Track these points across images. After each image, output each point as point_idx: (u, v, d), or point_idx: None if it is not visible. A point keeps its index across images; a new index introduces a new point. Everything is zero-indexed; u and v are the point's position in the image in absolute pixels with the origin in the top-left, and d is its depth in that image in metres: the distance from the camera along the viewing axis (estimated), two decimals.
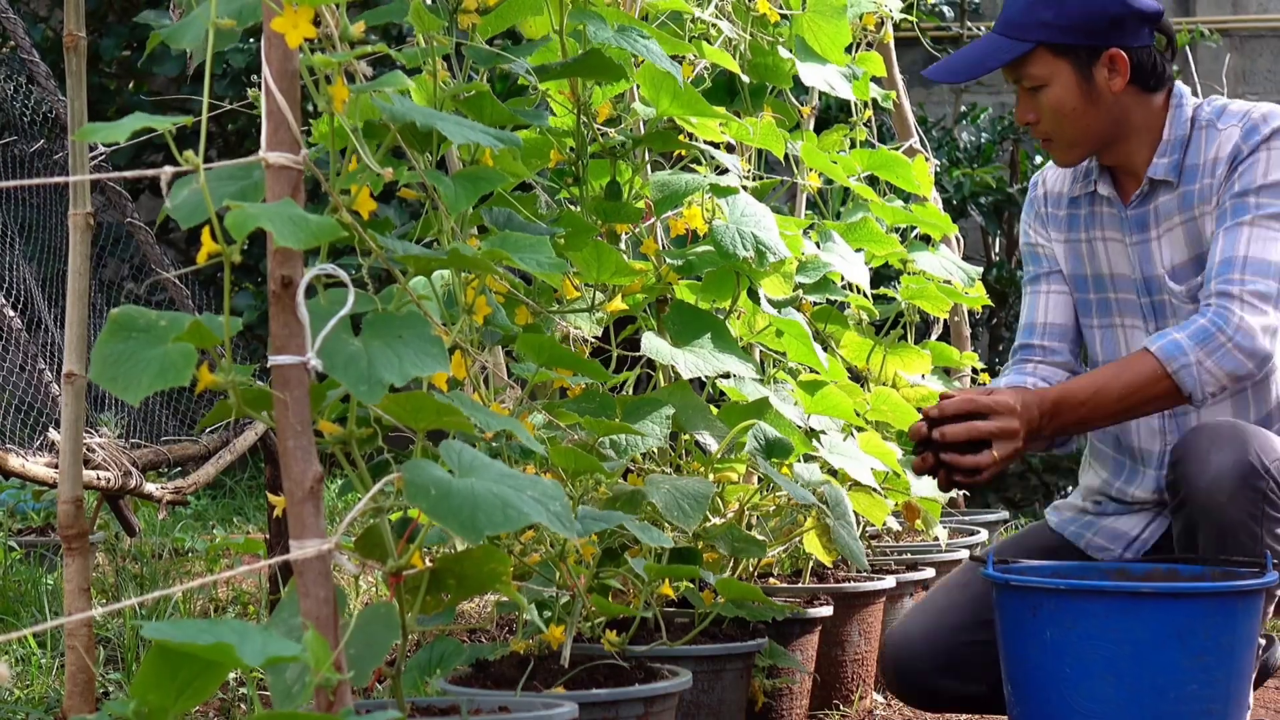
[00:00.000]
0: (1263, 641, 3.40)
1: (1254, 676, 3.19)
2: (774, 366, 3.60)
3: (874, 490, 3.90)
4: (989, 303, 4.43)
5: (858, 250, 3.76)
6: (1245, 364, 3.08)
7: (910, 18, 4.53)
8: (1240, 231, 3.13)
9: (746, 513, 3.43)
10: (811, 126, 3.77)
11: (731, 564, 3.38)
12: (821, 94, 3.71)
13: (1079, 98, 3.17)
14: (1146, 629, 2.88)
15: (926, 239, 4.27)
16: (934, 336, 4.74)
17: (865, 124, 4.11)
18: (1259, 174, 3.15)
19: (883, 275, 5.35)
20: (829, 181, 3.91)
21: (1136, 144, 3.24)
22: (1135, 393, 3.09)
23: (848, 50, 3.63)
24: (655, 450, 3.17)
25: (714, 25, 3.37)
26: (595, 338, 3.06)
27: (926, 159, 4.98)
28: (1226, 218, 3.16)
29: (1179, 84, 3.27)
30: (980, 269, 4.29)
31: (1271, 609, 3.14)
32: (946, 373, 4.63)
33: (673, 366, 3.03)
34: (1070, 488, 7.19)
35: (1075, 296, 3.38)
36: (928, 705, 3.32)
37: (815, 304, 3.66)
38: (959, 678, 3.23)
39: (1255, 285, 3.09)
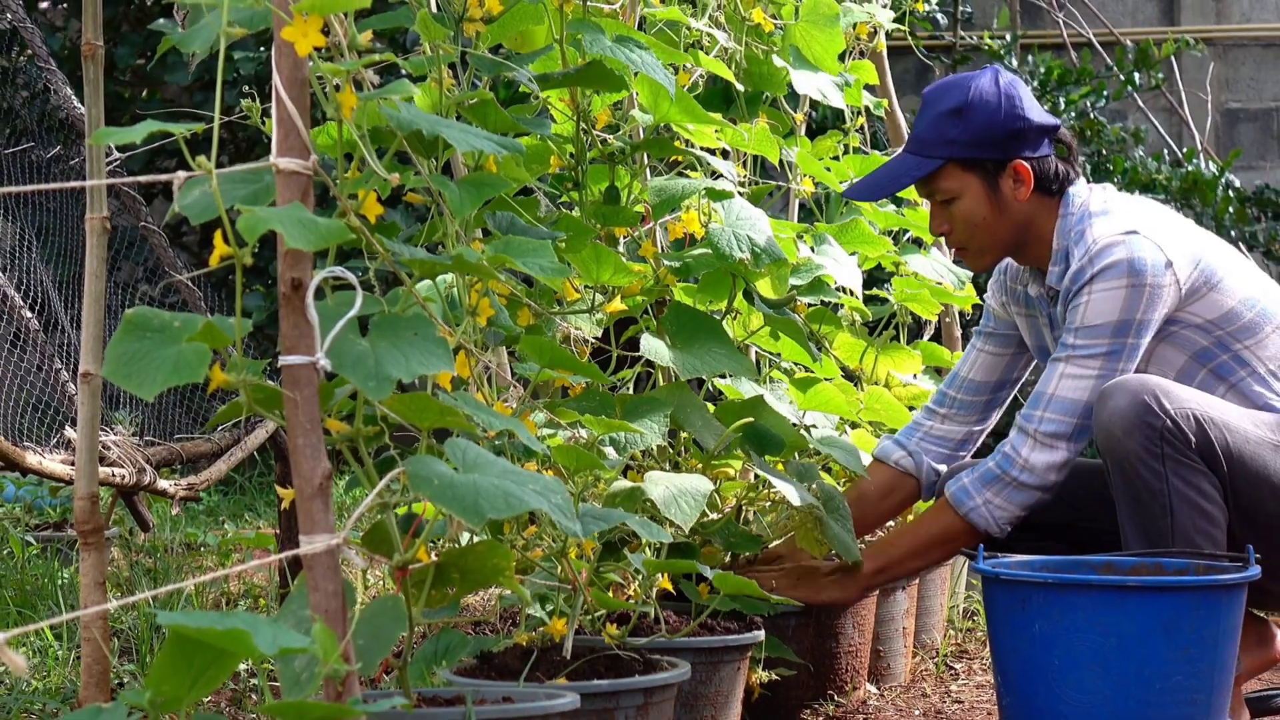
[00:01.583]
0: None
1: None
2: (769, 366, 3.60)
3: None
4: (980, 303, 4.42)
5: (851, 253, 3.76)
6: (1034, 494, 3.29)
7: (903, 27, 4.54)
8: (1056, 368, 3.27)
9: (743, 508, 3.43)
10: (803, 133, 3.77)
11: (728, 558, 3.39)
12: (816, 102, 3.72)
13: (988, 208, 3.32)
14: (1132, 621, 2.91)
15: (918, 241, 4.28)
16: (926, 337, 4.74)
17: (858, 131, 4.11)
18: (1079, 316, 3.25)
19: (875, 278, 5.36)
20: (822, 187, 3.91)
21: (1041, 249, 3.37)
22: (941, 540, 3.37)
23: (841, 59, 3.64)
24: (654, 447, 3.17)
25: (710, 34, 3.37)
26: (595, 338, 3.06)
27: None
28: (1050, 354, 3.35)
29: (1070, 189, 3.35)
30: (970, 272, 4.29)
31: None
32: (938, 372, 4.63)
33: (671, 366, 3.03)
34: None
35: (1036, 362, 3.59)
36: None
37: (809, 305, 3.66)
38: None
39: (1051, 425, 3.25)
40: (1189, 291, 3.29)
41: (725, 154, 3.50)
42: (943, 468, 3.59)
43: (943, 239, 3.50)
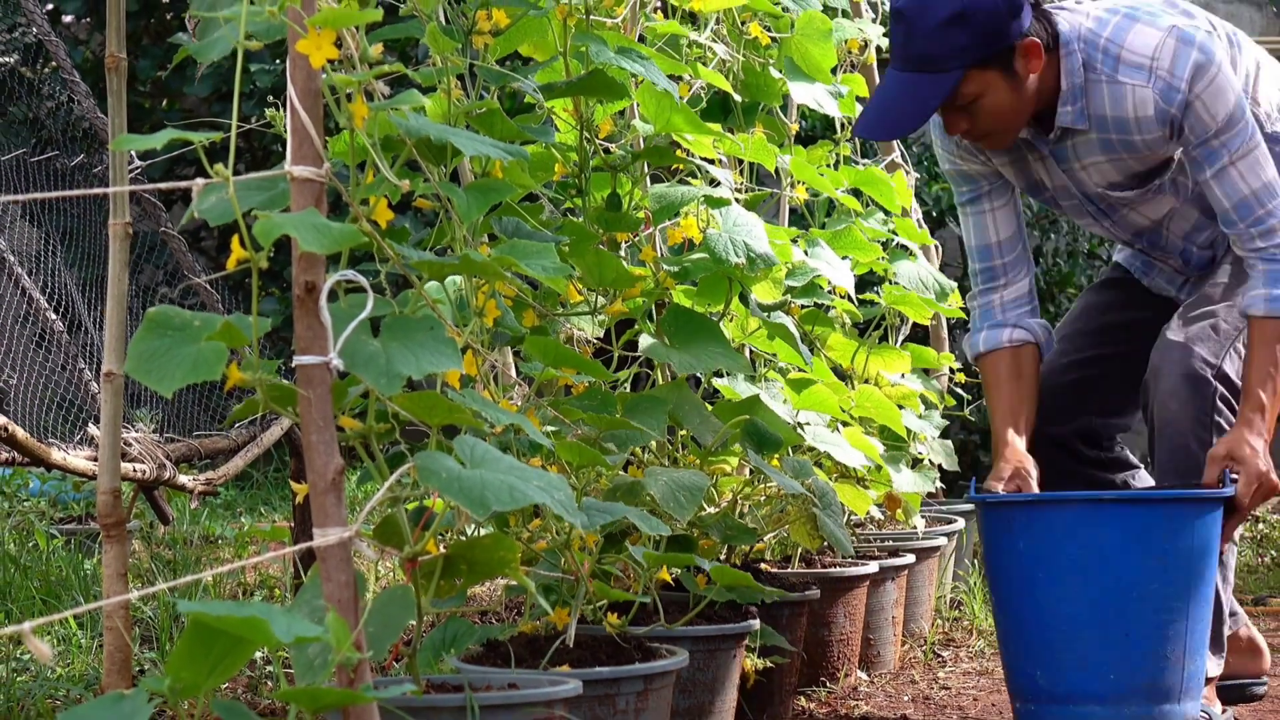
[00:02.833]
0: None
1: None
2: (765, 366, 3.60)
3: (858, 482, 3.91)
4: (966, 307, 4.42)
5: (843, 257, 3.76)
6: None
7: None
8: (1229, 174, 3.18)
9: (739, 503, 3.43)
10: (793, 141, 3.77)
11: (725, 550, 3.38)
12: (807, 113, 3.71)
13: (1011, 94, 3.17)
14: (1109, 534, 3.00)
15: (906, 247, 4.28)
16: (903, 334, 4.74)
17: (849, 140, 4.11)
18: (1207, 122, 3.18)
19: (866, 281, 5.35)
20: (816, 194, 3.91)
21: (1047, 100, 3.24)
22: None
23: (833, 71, 3.64)
24: (654, 444, 3.17)
25: (709, 47, 3.37)
26: (597, 339, 3.06)
27: (907, 173, 4.98)
28: (1205, 167, 3.21)
29: (1060, 27, 3.23)
30: (954, 284, 4.28)
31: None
32: (926, 372, 4.63)
33: (670, 366, 3.03)
34: None
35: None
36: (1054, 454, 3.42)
37: (803, 307, 3.65)
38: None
39: (1278, 209, 3.18)
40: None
41: (723, 162, 3.49)
42: (1039, 320, 3.45)
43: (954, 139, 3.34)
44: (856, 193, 4.02)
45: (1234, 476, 3.12)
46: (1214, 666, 3.29)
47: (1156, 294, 3.59)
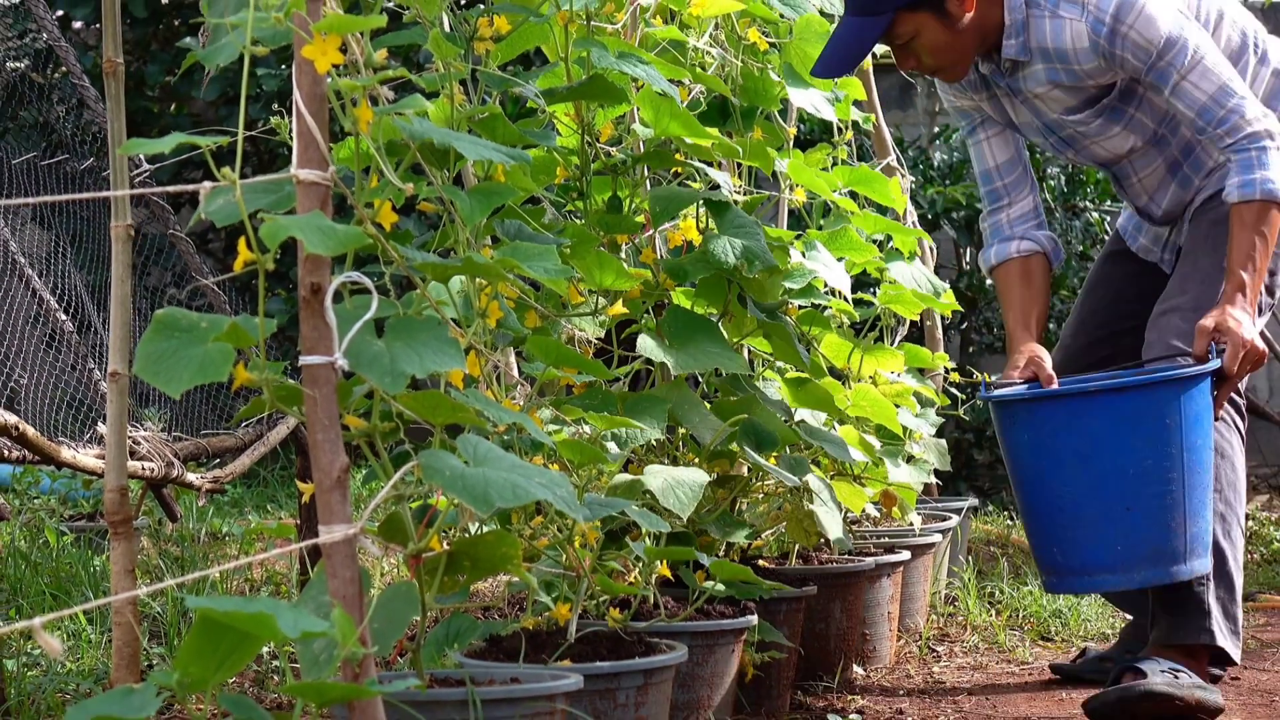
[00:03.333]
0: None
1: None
2: (762, 365, 3.60)
3: (855, 480, 3.91)
4: (959, 308, 4.42)
5: (839, 258, 3.76)
6: None
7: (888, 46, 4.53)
8: (1183, 88, 3.37)
9: (737, 500, 3.43)
10: (791, 145, 3.77)
11: (724, 547, 3.38)
12: (806, 117, 3.72)
13: (946, 32, 3.40)
14: (1100, 420, 3.21)
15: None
16: (900, 335, 4.74)
17: (846, 144, 4.11)
18: (1146, 48, 3.37)
19: (862, 281, 5.35)
20: (813, 196, 3.91)
21: (993, 34, 3.45)
22: (1273, 229, 3.35)
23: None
24: (654, 442, 3.17)
25: (708, 52, 3.37)
26: (598, 339, 3.06)
27: (902, 176, 4.98)
28: (1162, 88, 3.40)
29: None
30: (948, 285, 4.29)
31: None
32: (921, 371, 4.62)
33: (669, 365, 3.03)
34: None
35: None
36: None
37: (800, 307, 3.65)
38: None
39: (1239, 103, 3.34)
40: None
41: (721, 165, 3.49)
42: (1045, 232, 3.67)
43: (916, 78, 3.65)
44: (853, 195, 4.01)
45: (1221, 347, 3.29)
46: (1231, 646, 3.43)
47: (1145, 259, 3.80)
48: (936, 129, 8.41)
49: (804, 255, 3.57)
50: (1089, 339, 3.78)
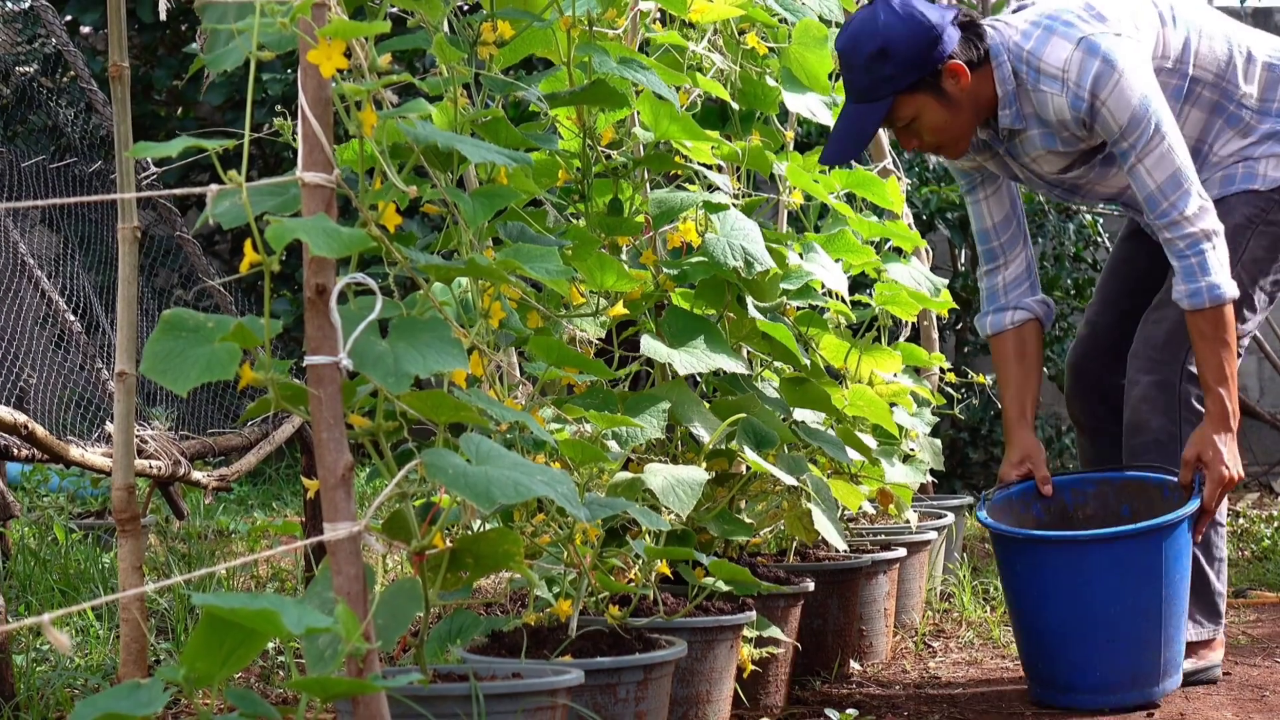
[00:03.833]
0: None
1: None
2: (761, 365, 3.60)
3: (851, 478, 3.91)
4: (955, 307, 4.42)
5: (836, 260, 3.75)
6: (1221, 232, 3.44)
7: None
8: (1138, 171, 3.43)
9: (736, 498, 3.42)
10: (791, 148, 3.77)
11: (722, 544, 3.38)
12: (804, 121, 3.72)
13: (944, 111, 3.46)
14: (1089, 564, 3.37)
15: (899, 250, 4.27)
16: (903, 337, 4.74)
17: None
18: (1112, 124, 3.42)
19: (859, 283, 5.35)
20: (810, 199, 3.91)
21: (990, 106, 3.52)
22: (1228, 329, 3.43)
23: (831, 77, 3.64)
24: (654, 441, 3.17)
25: (707, 57, 3.37)
26: (599, 339, 3.06)
27: (899, 178, 4.97)
28: (1121, 164, 3.49)
29: (990, 42, 3.50)
30: (946, 281, 4.29)
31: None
32: (917, 371, 4.62)
33: (669, 365, 3.03)
34: None
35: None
36: (1098, 404, 3.87)
37: (798, 309, 3.65)
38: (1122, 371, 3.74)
39: (1183, 200, 3.40)
40: (1148, 38, 3.54)
41: (720, 168, 3.49)
42: (1037, 296, 3.77)
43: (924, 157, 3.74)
44: (851, 198, 4.01)
45: (1202, 478, 3.46)
46: (1210, 631, 3.64)
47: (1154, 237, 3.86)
48: None
49: (802, 257, 3.57)
50: (1118, 313, 3.86)
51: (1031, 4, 3.60)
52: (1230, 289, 3.42)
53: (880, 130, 5.22)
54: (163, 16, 2.02)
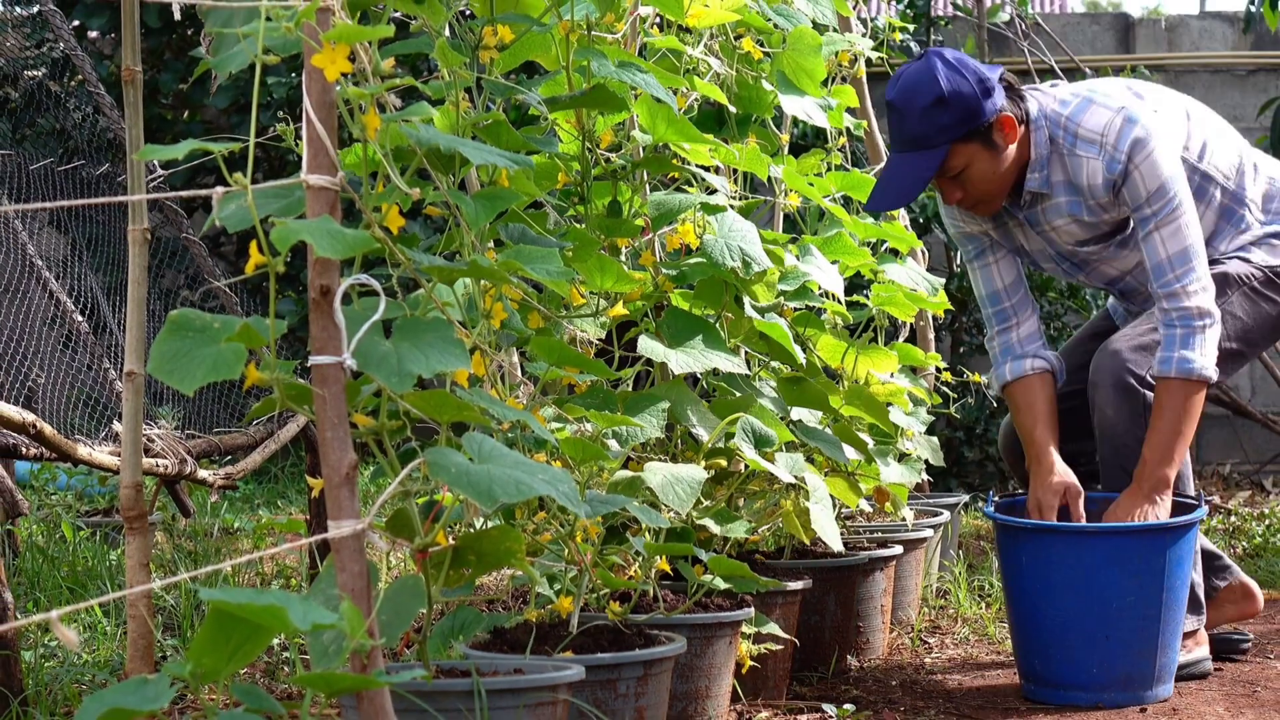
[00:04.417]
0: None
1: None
2: (759, 365, 3.60)
3: (848, 477, 3.90)
4: (951, 308, 4.42)
5: (833, 261, 3.76)
6: (1218, 328, 3.51)
7: (882, 54, 4.53)
8: (1153, 239, 3.52)
9: (734, 496, 3.43)
10: (786, 151, 3.77)
11: (721, 542, 3.38)
12: (801, 122, 3.72)
13: (993, 163, 3.55)
14: (1093, 557, 3.39)
15: (895, 252, 4.27)
16: (902, 338, 4.74)
17: (840, 149, 4.11)
18: (1140, 190, 3.51)
19: (855, 284, 5.35)
20: (807, 201, 3.91)
21: (1021, 169, 3.62)
22: (1194, 408, 3.49)
23: (824, 84, 3.64)
24: (653, 440, 3.17)
25: (704, 61, 3.37)
26: (599, 340, 3.06)
27: None
28: (1139, 229, 3.55)
29: (1028, 107, 3.60)
30: (943, 280, 4.29)
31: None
32: (914, 371, 4.62)
33: (668, 365, 3.03)
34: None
35: None
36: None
37: (795, 309, 3.65)
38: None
39: (1188, 276, 3.48)
40: (1179, 129, 3.65)
41: (718, 171, 3.50)
42: (1052, 353, 3.79)
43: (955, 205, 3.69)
44: (847, 200, 4.01)
45: (1208, 499, 3.49)
46: (1193, 623, 3.68)
47: None
48: None
49: (799, 259, 3.57)
50: (1063, 390, 3.83)
51: (1065, 84, 3.72)
52: (1203, 369, 3.47)
53: (879, 138, 5.25)
54: (177, 16, 2.01)
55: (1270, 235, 3.73)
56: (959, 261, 7.93)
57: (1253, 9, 7.62)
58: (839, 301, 3.83)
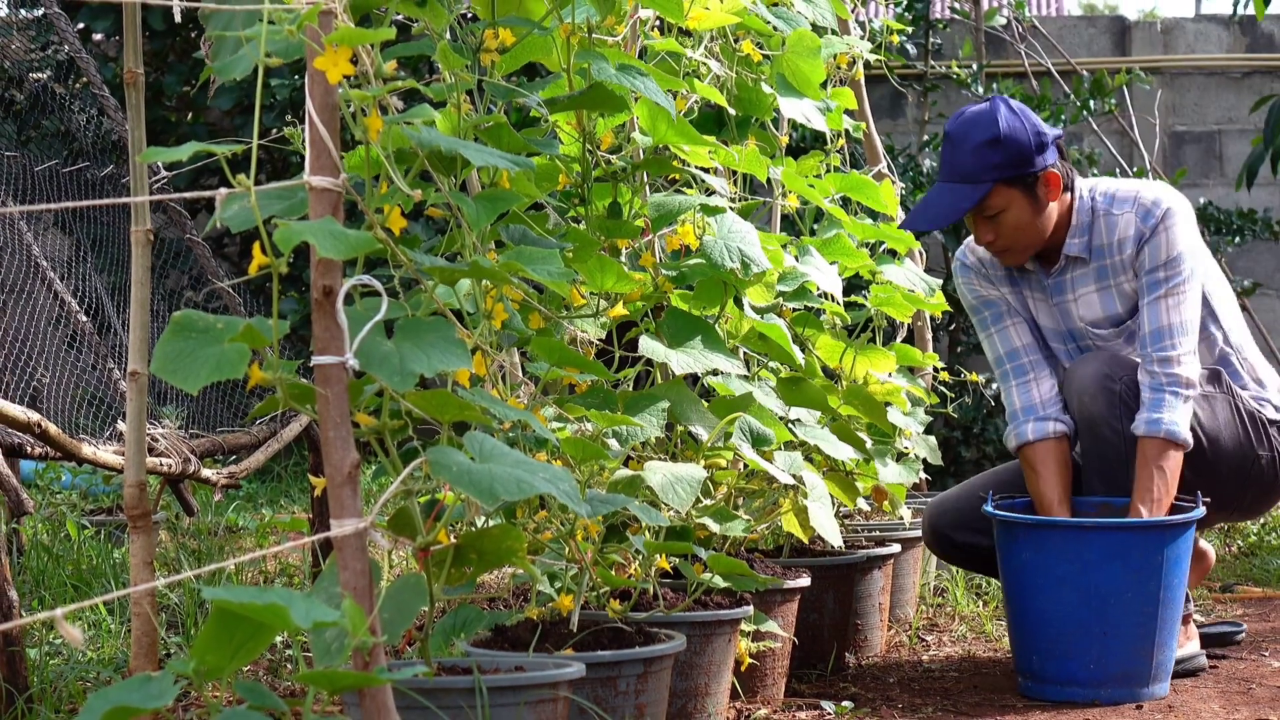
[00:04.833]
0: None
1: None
2: (758, 365, 3.60)
3: (847, 476, 3.91)
4: (949, 309, 4.42)
5: (832, 263, 3.76)
6: (1193, 398, 3.59)
7: (880, 56, 4.53)
8: (1159, 305, 3.59)
9: (733, 495, 3.43)
10: (784, 153, 3.77)
11: (720, 541, 3.38)
12: (800, 124, 3.72)
13: (1031, 213, 3.61)
14: (1093, 552, 3.40)
15: (893, 253, 4.27)
16: (899, 338, 4.74)
17: (838, 151, 4.11)
18: (1161, 253, 3.60)
19: (854, 285, 5.35)
20: (805, 202, 3.91)
21: (1054, 234, 3.68)
22: (1176, 467, 3.53)
23: (823, 86, 3.64)
24: (653, 439, 3.17)
25: (704, 64, 3.37)
26: (599, 340, 3.06)
27: (893, 183, 4.97)
28: (1145, 293, 3.62)
29: (1075, 178, 3.70)
30: (940, 281, 4.29)
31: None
32: (911, 371, 4.62)
33: (668, 365, 3.03)
34: None
35: None
36: (948, 553, 3.93)
37: (794, 310, 3.65)
38: (973, 532, 3.79)
39: (1183, 345, 3.56)
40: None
41: (717, 172, 3.49)
42: (1070, 417, 3.77)
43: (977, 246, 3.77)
44: (846, 201, 4.01)
45: (1205, 500, 3.51)
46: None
47: None
48: (926, 137, 8.41)
49: (798, 260, 3.57)
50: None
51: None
52: (1186, 436, 3.52)
53: (877, 140, 5.25)
54: (178, 19, 2.01)
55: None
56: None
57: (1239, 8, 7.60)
58: (837, 302, 3.83)
